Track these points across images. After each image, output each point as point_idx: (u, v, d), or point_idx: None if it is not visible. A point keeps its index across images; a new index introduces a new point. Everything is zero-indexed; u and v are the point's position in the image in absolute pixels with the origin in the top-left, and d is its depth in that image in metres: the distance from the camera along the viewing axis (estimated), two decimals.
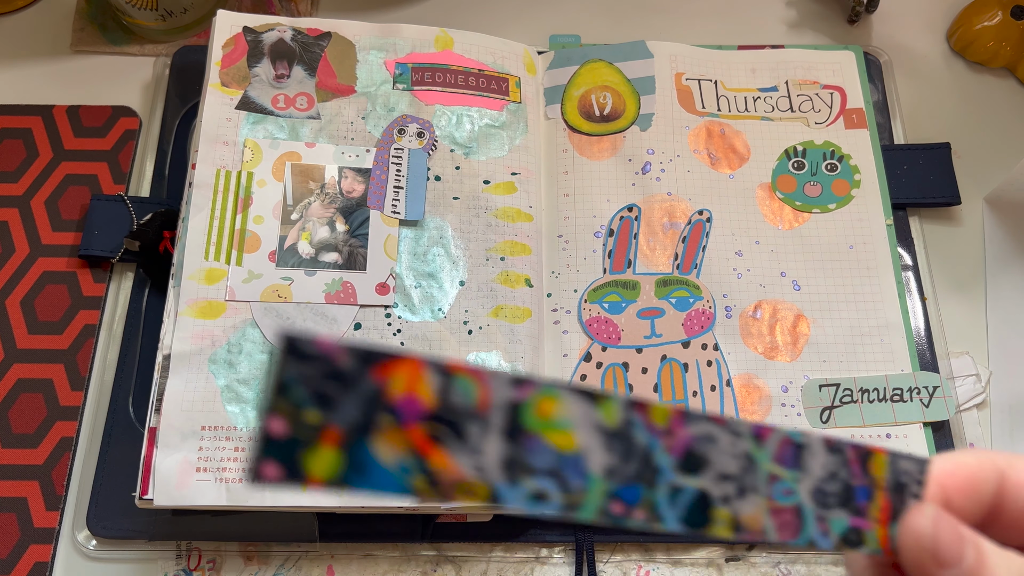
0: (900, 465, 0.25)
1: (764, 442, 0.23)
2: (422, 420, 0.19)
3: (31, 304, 0.56)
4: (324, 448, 0.18)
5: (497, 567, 0.51)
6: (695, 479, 0.22)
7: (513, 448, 0.20)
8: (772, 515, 0.23)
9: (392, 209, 0.55)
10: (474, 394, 0.19)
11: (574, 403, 0.20)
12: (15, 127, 0.61)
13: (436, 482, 0.19)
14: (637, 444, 0.21)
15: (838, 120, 0.60)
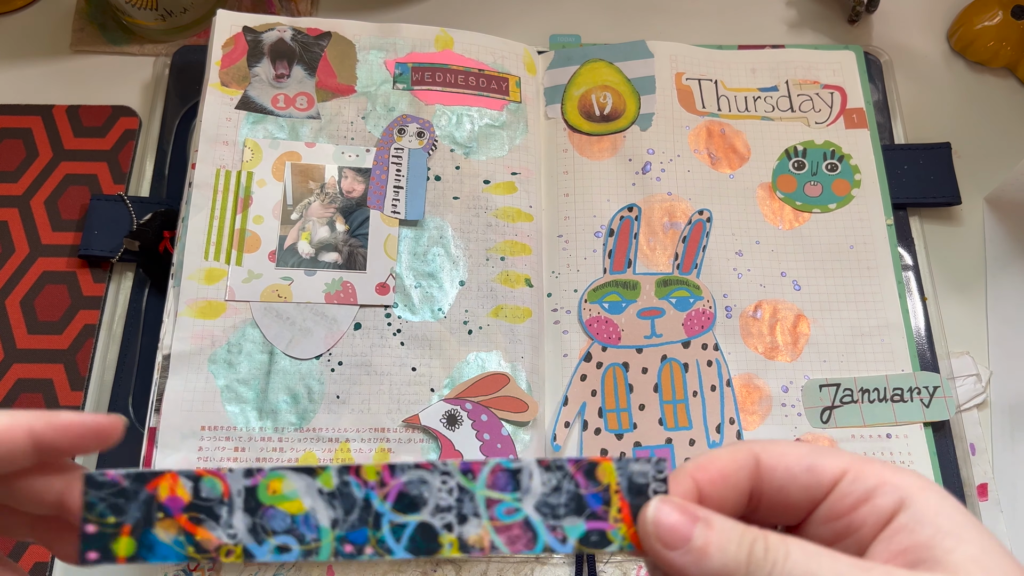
0: (632, 468, 0.28)
1: (476, 475, 0.28)
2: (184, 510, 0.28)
3: (31, 304, 0.56)
4: (123, 538, 0.27)
5: (497, 567, 0.51)
6: (414, 515, 0.28)
7: (255, 519, 0.28)
8: (498, 532, 0.28)
9: (392, 209, 0.55)
10: (218, 488, 0.28)
11: (296, 479, 0.28)
12: (15, 127, 0.61)
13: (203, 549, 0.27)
14: (355, 498, 0.28)
15: (838, 120, 0.60)
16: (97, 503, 0.28)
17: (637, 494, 0.28)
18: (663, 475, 0.28)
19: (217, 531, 0.28)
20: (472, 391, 0.51)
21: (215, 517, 0.28)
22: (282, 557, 0.28)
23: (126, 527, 0.28)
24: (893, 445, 0.51)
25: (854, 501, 0.27)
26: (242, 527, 0.28)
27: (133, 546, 0.27)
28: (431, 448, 0.49)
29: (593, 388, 0.52)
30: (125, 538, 0.27)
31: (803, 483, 0.28)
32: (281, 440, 0.49)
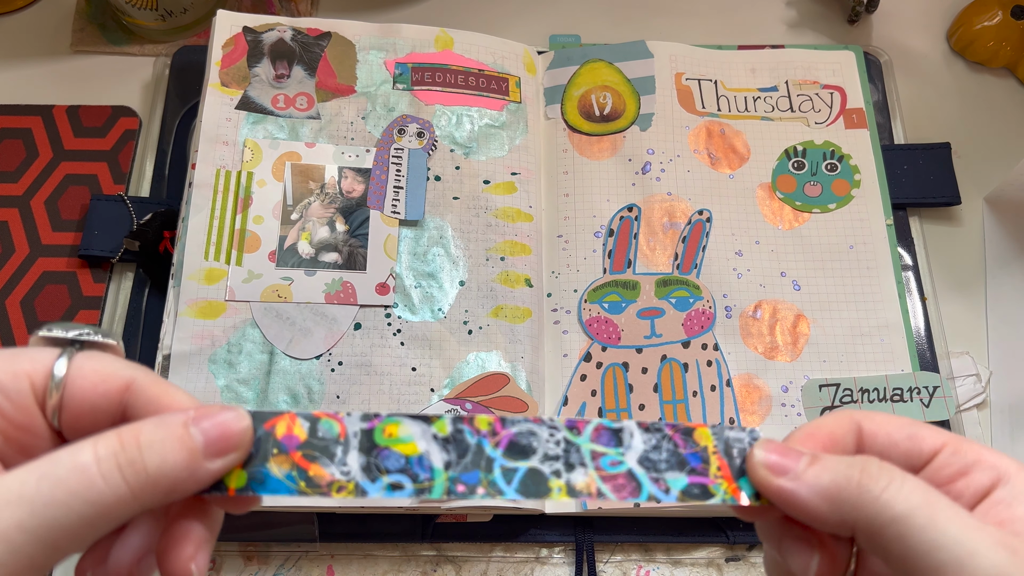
0: (727, 434, 0.30)
1: (581, 431, 0.30)
2: (299, 447, 0.29)
3: (31, 304, 0.56)
4: (235, 470, 0.28)
5: (497, 567, 0.51)
6: (524, 461, 0.30)
7: (369, 458, 0.29)
8: (604, 480, 0.30)
9: (392, 209, 0.55)
10: (335, 429, 0.29)
11: (411, 424, 0.29)
12: (15, 127, 0.61)
13: (315, 484, 0.28)
14: (468, 443, 0.29)
15: (838, 120, 0.60)
16: None
17: (735, 456, 0.30)
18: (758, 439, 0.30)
19: (331, 468, 0.29)
20: (472, 391, 0.51)
21: (330, 455, 0.29)
22: (395, 494, 0.29)
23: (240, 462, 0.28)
24: None
25: (953, 473, 0.28)
26: (356, 465, 0.29)
27: (244, 478, 0.28)
28: None
29: (593, 388, 0.52)
30: (237, 471, 0.28)
31: (904, 450, 0.29)
32: None
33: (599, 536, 0.51)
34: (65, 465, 0.24)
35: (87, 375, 0.27)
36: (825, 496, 0.27)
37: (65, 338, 0.28)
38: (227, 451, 0.27)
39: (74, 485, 0.24)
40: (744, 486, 0.30)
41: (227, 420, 0.27)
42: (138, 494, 0.25)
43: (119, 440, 0.25)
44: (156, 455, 0.25)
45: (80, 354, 0.28)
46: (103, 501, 0.24)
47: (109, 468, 0.24)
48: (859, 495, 0.26)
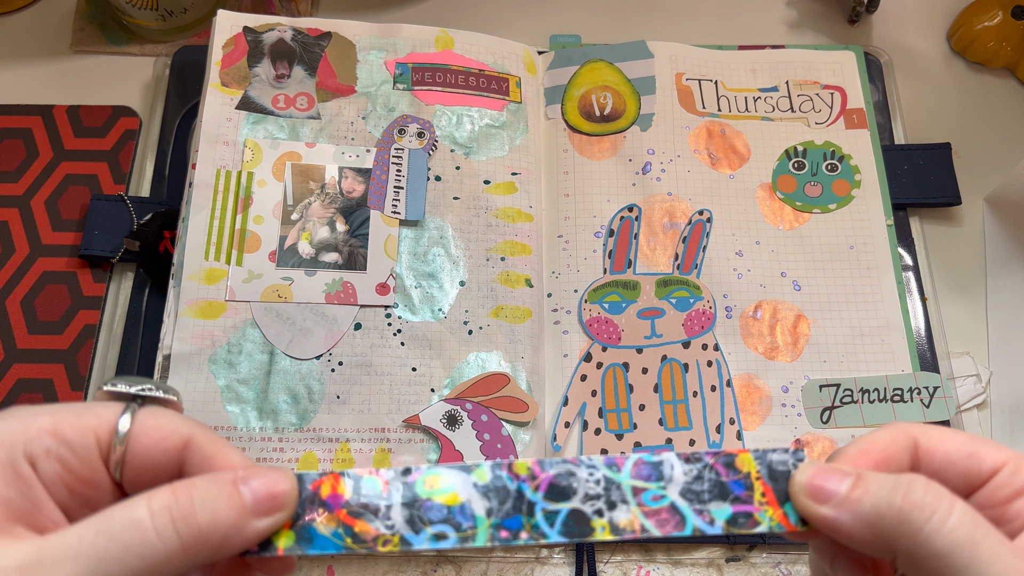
0: (771, 457, 0.30)
1: (620, 467, 0.30)
2: (343, 506, 0.29)
3: (31, 304, 0.56)
4: (284, 531, 0.29)
5: (497, 567, 0.51)
6: (566, 503, 0.30)
7: (412, 511, 0.29)
8: (647, 516, 0.30)
9: (392, 209, 0.55)
10: (378, 485, 0.30)
11: (452, 474, 0.30)
12: (15, 127, 0.61)
13: (361, 540, 0.29)
14: (508, 489, 0.30)
15: (838, 120, 0.60)
16: None
17: (779, 479, 0.30)
18: (800, 460, 0.30)
19: (375, 523, 0.29)
20: (472, 391, 0.51)
21: (374, 511, 0.30)
22: (439, 544, 0.29)
23: (287, 521, 0.29)
24: None
25: (1012, 492, 0.27)
26: (400, 519, 0.30)
27: (292, 538, 0.29)
28: (431, 448, 0.49)
29: (593, 388, 0.52)
30: (285, 531, 0.29)
31: (962, 469, 0.28)
32: (281, 440, 0.49)
33: None
34: (120, 520, 0.25)
35: (149, 432, 0.28)
36: (866, 523, 0.26)
37: (129, 393, 0.29)
38: (274, 510, 0.27)
39: (129, 540, 0.25)
40: (790, 512, 0.29)
41: (274, 480, 0.27)
42: (189, 548, 0.25)
43: (173, 495, 0.26)
44: (208, 511, 0.26)
45: (143, 410, 0.28)
46: (155, 556, 0.25)
47: (163, 522, 0.25)
48: (899, 524, 0.26)
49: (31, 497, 0.26)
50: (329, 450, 0.49)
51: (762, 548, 0.51)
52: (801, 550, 0.51)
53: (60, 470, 0.27)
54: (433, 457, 0.49)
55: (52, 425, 0.27)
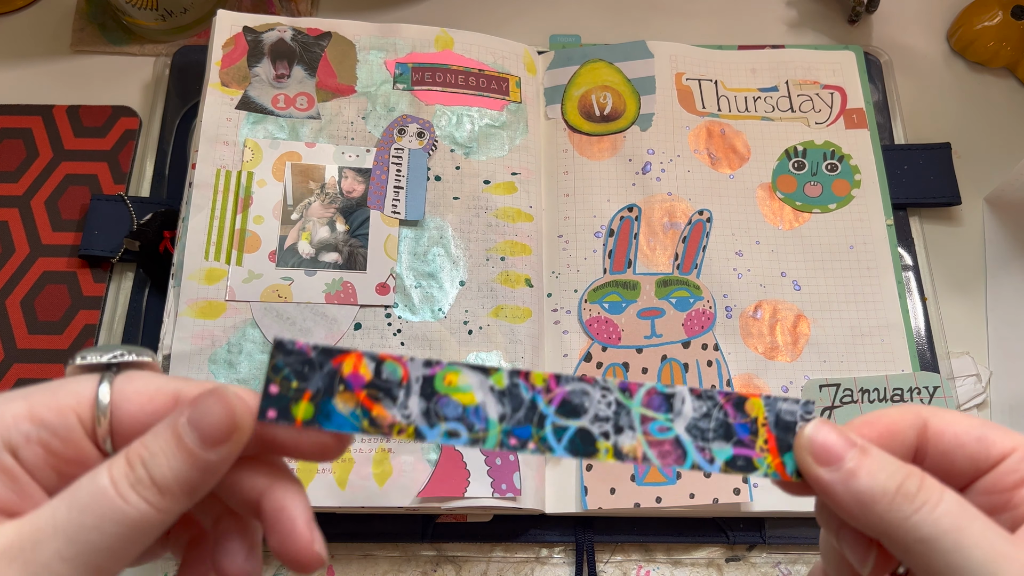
0: (780, 406, 0.30)
1: (633, 394, 0.31)
2: (364, 387, 0.29)
3: (31, 304, 0.56)
4: (303, 403, 0.28)
5: (497, 567, 0.51)
6: (575, 420, 0.30)
7: (429, 404, 0.29)
8: (651, 446, 0.30)
9: (392, 209, 0.55)
10: (398, 372, 0.30)
11: (470, 374, 0.30)
12: (15, 127, 0.61)
13: (377, 424, 0.29)
14: (522, 398, 0.30)
15: (838, 120, 0.60)
16: (283, 367, 0.29)
17: (784, 429, 0.30)
18: (810, 415, 0.30)
19: (392, 410, 0.30)
20: None
21: (392, 397, 0.30)
22: (451, 441, 0.30)
23: (307, 393, 0.29)
24: None
25: (1019, 479, 0.27)
26: (416, 410, 0.30)
27: (312, 411, 0.29)
28: (431, 448, 0.49)
29: None
30: (305, 403, 0.29)
31: (971, 452, 0.28)
32: None
33: (599, 536, 0.51)
34: (88, 490, 0.25)
35: (131, 397, 0.27)
36: (857, 500, 0.27)
37: (101, 363, 0.28)
38: (225, 438, 0.26)
39: (100, 509, 0.24)
40: (788, 461, 0.30)
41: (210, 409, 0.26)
42: (159, 506, 0.25)
43: (126, 461, 0.25)
44: (160, 466, 0.25)
45: (120, 377, 0.28)
46: (130, 520, 0.25)
47: (125, 489, 0.25)
48: (889, 511, 0.26)
49: (16, 487, 0.26)
50: None
51: (762, 548, 0.51)
52: (801, 550, 0.51)
53: (43, 454, 0.26)
54: (433, 457, 0.49)
55: (27, 409, 0.26)
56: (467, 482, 0.48)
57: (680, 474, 0.49)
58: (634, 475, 0.50)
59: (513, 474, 0.48)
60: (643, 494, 0.49)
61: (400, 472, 0.48)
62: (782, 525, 0.51)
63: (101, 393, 0.27)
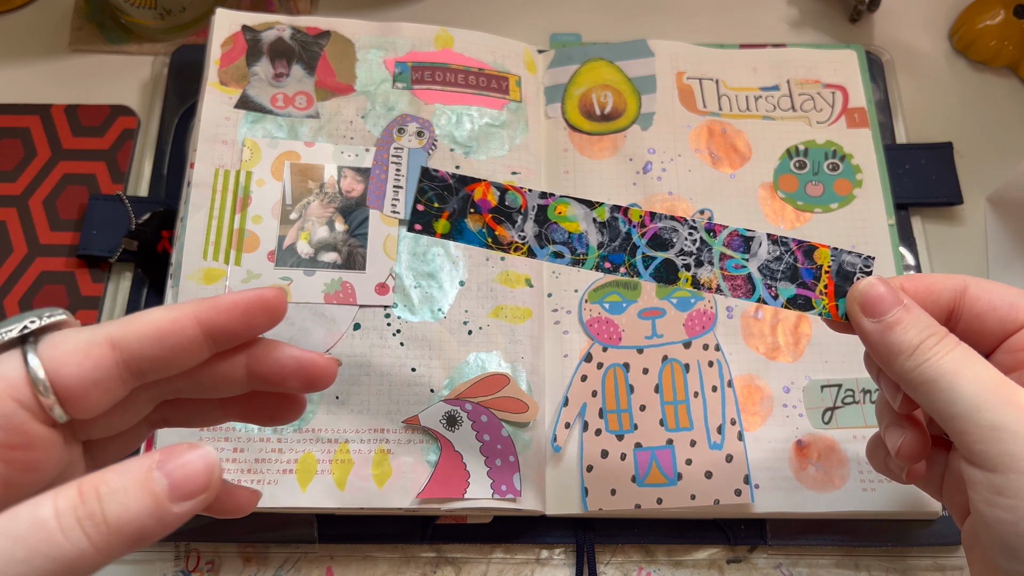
0: (844, 257, 0.35)
1: (716, 234, 0.36)
2: (490, 211, 0.36)
3: (29, 304, 0.56)
4: (442, 220, 0.37)
5: (497, 568, 0.51)
6: (662, 252, 0.36)
7: (541, 228, 0.36)
8: (725, 280, 0.35)
9: (392, 209, 0.55)
10: (518, 200, 0.37)
11: (577, 206, 0.37)
12: (13, 126, 0.61)
13: (499, 242, 0.36)
14: (619, 230, 0.36)
15: (840, 119, 0.60)
16: (428, 190, 0.37)
17: (844, 278, 0.35)
18: (869, 269, 0.34)
19: (511, 231, 0.37)
20: (472, 392, 0.51)
21: (512, 221, 0.37)
22: (556, 260, 0.37)
23: (445, 212, 0.36)
24: None
25: None
26: (531, 233, 0.37)
27: (448, 227, 0.36)
28: (431, 449, 0.49)
29: (594, 389, 0.52)
30: (444, 220, 0.36)
31: (1001, 315, 0.33)
32: (280, 441, 0.49)
33: (600, 537, 0.51)
34: (25, 521, 0.23)
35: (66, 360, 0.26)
36: (888, 350, 0.32)
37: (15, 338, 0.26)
38: (195, 494, 0.25)
39: (33, 542, 0.23)
40: (841, 306, 0.34)
41: (191, 461, 0.25)
42: (101, 547, 0.23)
43: (79, 492, 0.24)
44: (117, 504, 0.24)
45: (42, 344, 0.26)
46: (65, 557, 0.23)
47: (69, 523, 0.23)
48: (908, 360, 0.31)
49: None
50: (328, 451, 0.49)
51: (763, 549, 0.51)
52: (803, 552, 0.51)
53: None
54: (432, 458, 0.49)
55: None
56: (467, 483, 0.48)
57: (681, 475, 0.49)
58: (635, 476, 0.49)
59: (513, 475, 0.48)
60: (644, 495, 0.49)
61: (399, 473, 0.48)
62: (783, 527, 0.51)
63: (32, 367, 0.25)
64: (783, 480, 0.50)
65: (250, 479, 0.47)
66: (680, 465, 0.50)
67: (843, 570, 0.51)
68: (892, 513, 0.50)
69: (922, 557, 0.51)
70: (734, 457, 0.50)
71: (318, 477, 0.48)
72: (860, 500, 0.50)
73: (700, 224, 0.36)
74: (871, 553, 0.51)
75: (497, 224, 0.36)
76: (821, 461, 0.50)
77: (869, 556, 0.51)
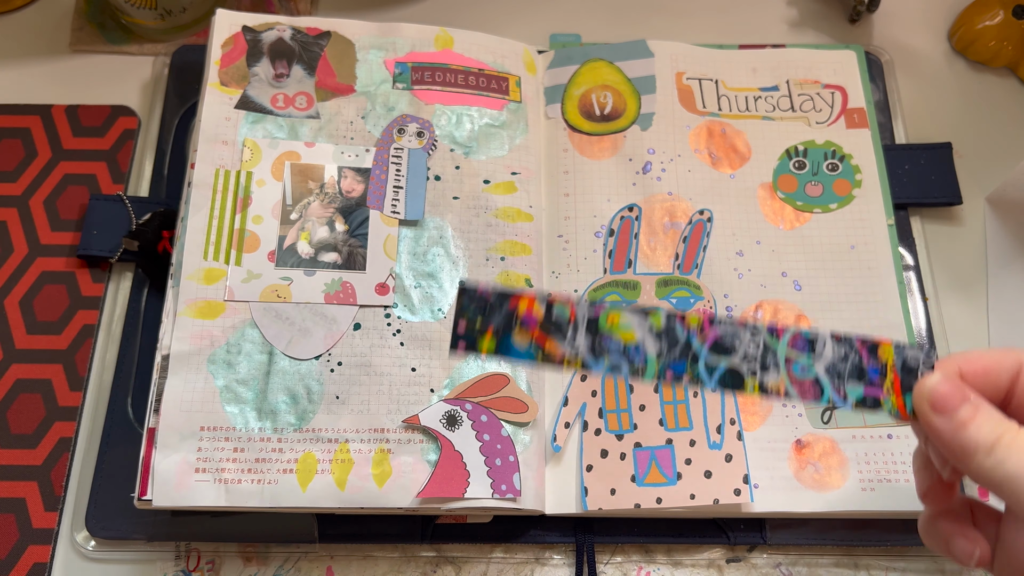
0: (907, 352, 0.34)
1: (780, 336, 0.35)
2: (538, 325, 0.34)
3: (30, 304, 0.56)
4: (487, 337, 0.34)
5: (497, 568, 0.51)
6: (725, 359, 0.34)
7: (594, 340, 0.34)
8: (793, 384, 0.34)
9: (392, 209, 0.55)
10: (566, 313, 0.34)
11: (631, 315, 0.35)
12: (14, 127, 0.61)
13: (550, 357, 0.34)
14: (678, 338, 0.34)
15: (839, 120, 0.60)
16: (468, 307, 0.35)
17: (908, 372, 0.34)
18: (931, 362, 0.34)
19: (563, 345, 0.35)
20: (472, 391, 0.51)
21: (562, 334, 0.35)
22: (613, 373, 0.35)
23: (490, 330, 0.34)
24: (894, 445, 0.51)
25: None
26: (583, 345, 0.34)
27: (494, 344, 0.34)
28: (431, 448, 0.49)
29: (593, 389, 0.52)
30: (488, 338, 0.34)
31: None
32: (280, 441, 0.49)
33: (599, 537, 0.51)
34: None
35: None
36: (958, 446, 0.32)
37: None
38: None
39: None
40: (908, 402, 0.34)
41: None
42: None
43: None
44: None
45: None
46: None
47: None
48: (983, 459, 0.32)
49: None
50: (328, 450, 0.49)
51: (763, 549, 0.51)
52: (802, 551, 0.51)
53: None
54: (433, 458, 0.49)
55: None
56: (467, 483, 0.48)
57: (680, 475, 0.49)
58: (634, 476, 0.50)
59: (513, 475, 0.48)
60: (643, 495, 0.49)
61: (400, 473, 0.48)
62: (783, 526, 0.51)
63: None
64: (782, 480, 0.50)
65: (251, 478, 0.47)
66: (680, 465, 0.50)
67: (842, 569, 0.51)
68: (892, 513, 0.50)
69: (922, 557, 0.51)
70: (733, 457, 0.50)
71: (318, 477, 0.48)
72: (860, 500, 0.50)
73: (762, 327, 0.35)
74: (871, 553, 0.51)
75: (546, 338, 0.35)
76: (820, 461, 0.50)
77: (869, 556, 0.51)
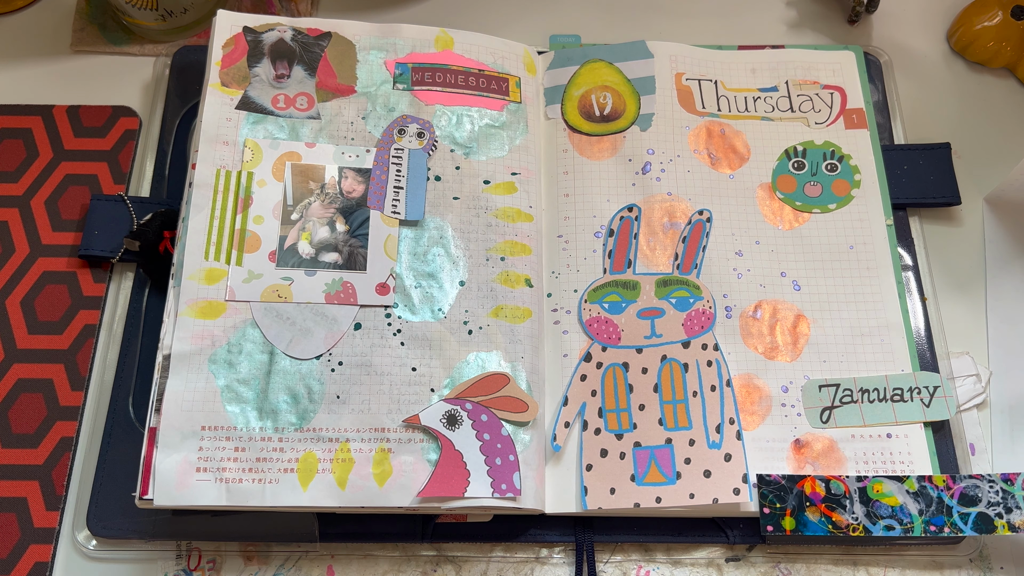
0: None
1: (1013, 482, 0.46)
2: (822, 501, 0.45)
3: (31, 304, 0.56)
4: (787, 517, 0.45)
5: (497, 567, 0.51)
6: (973, 508, 0.45)
7: (868, 508, 0.46)
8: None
9: (392, 209, 0.55)
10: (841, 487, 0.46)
11: (890, 483, 0.47)
12: (15, 127, 0.61)
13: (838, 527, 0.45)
14: (931, 496, 0.46)
15: (838, 120, 0.60)
16: (768, 494, 0.47)
17: None
18: None
19: (845, 515, 0.45)
20: (472, 391, 0.51)
21: (842, 506, 0.46)
22: (888, 533, 0.45)
23: (788, 510, 0.45)
24: (893, 445, 0.51)
25: None
26: (860, 513, 0.46)
27: (794, 523, 0.45)
28: (431, 448, 0.49)
29: (593, 388, 0.52)
30: (788, 517, 0.45)
31: None
32: (281, 440, 0.49)
33: (599, 536, 0.51)
34: None
35: None
36: None
37: None
38: None
39: None
40: None
41: None
42: None
43: None
44: None
45: None
46: None
47: None
48: None
49: None
50: (329, 450, 0.49)
51: (762, 548, 0.51)
52: (800, 551, 0.51)
53: None
54: (433, 457, 0.49)
55: None
56: (467, 482, 0.48)
57: (680, 474, 0.49)
58: (634, 475, 0.50)
59: (513, 474, 0.48)
60: (643, 494, 0.49)
61: (400, 472, 0.48)
62: None
63: None
64: None
65: (251, 478, 0.48)
66: (679, 464, 0.50)
67: (841, 568, 0.51)
68: None
69: (921, 556, 0.51)
70: (733, 456, 0.50)
71: (319, 476, 0.48)
72: None
73: (996, 477, 0.45)
74: (870, 552, 0.51)
75: (831, 511, 0.45)
76: (819, 460, 0.51)
77: (868, 555, 0.51)
